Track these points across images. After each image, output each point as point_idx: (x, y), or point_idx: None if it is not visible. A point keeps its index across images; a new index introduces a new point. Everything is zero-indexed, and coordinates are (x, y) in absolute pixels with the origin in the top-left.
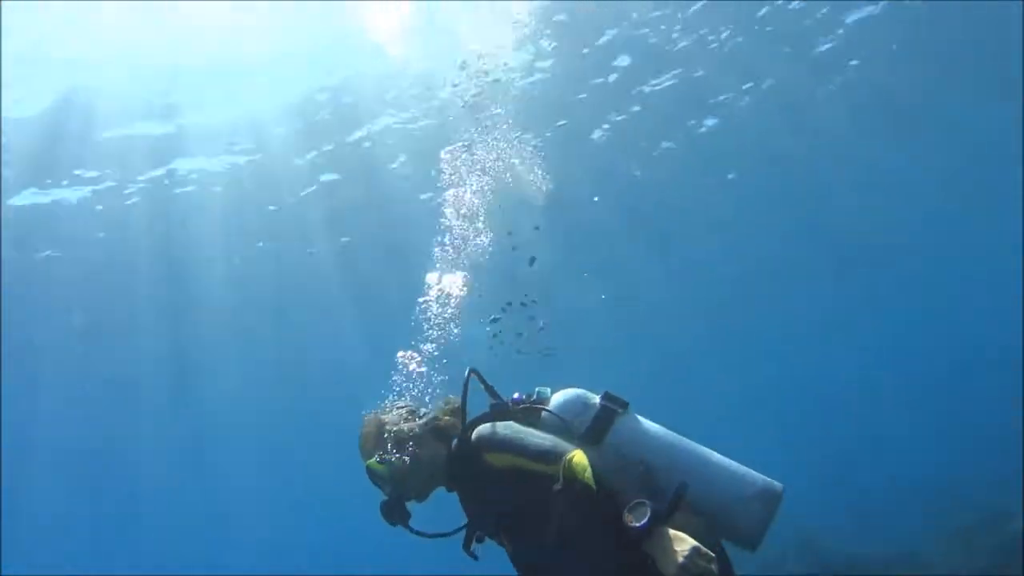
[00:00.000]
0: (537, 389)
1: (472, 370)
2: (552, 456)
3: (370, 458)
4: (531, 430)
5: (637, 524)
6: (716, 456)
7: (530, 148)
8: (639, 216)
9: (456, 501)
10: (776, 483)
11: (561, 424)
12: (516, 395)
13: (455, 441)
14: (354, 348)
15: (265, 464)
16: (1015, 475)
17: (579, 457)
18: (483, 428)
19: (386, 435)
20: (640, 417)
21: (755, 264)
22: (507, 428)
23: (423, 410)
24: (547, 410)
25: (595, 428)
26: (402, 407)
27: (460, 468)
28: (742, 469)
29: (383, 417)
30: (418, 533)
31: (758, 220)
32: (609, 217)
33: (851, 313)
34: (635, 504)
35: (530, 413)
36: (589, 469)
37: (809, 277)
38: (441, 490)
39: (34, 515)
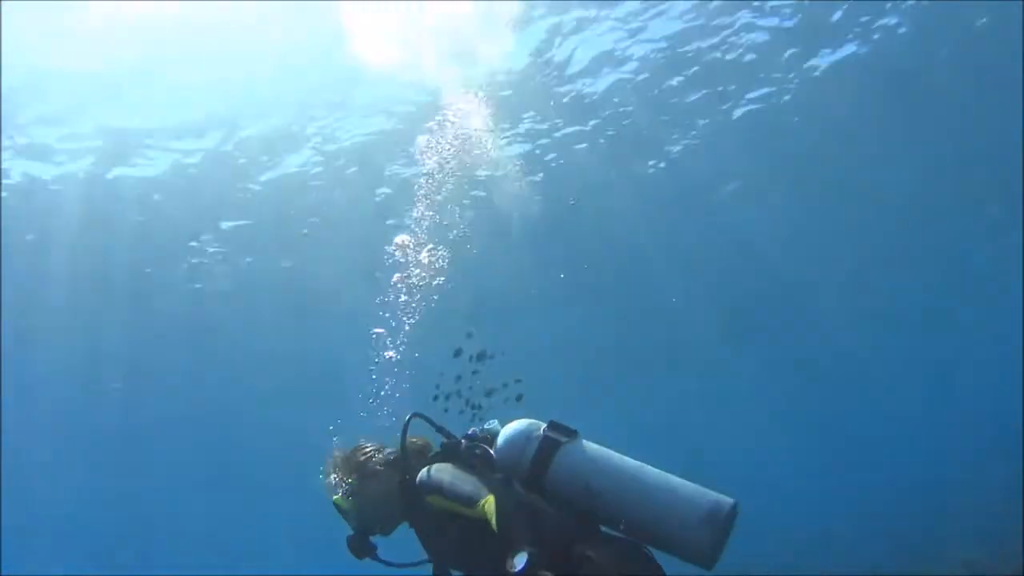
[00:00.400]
0: (486, 425)
1: (415, 414)
2: (471, 501)
3: (333, 493)
4: (461, 473)
5: (514, 570)
6: (663, 479)
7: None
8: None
9: None
10: (725, 503)
11: (504, 461)
12: (471, 431)
13: (398, 482)
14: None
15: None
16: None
17: (488, 503)
18: (423, 472)
19: (347, 471)
20: (588, 443)
21: (733, 300)
22: (440, 471)
23: (388, 449)
24: (487, 450)
25: (537, 460)
26: (367, 445)
27: (409, 507)
28: (690, 490)
29: (347, 453)
30: (387, 563)
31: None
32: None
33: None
34: (518, 551)
35: (479, 451)
36: (494, 516)
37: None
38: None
39: None
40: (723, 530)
